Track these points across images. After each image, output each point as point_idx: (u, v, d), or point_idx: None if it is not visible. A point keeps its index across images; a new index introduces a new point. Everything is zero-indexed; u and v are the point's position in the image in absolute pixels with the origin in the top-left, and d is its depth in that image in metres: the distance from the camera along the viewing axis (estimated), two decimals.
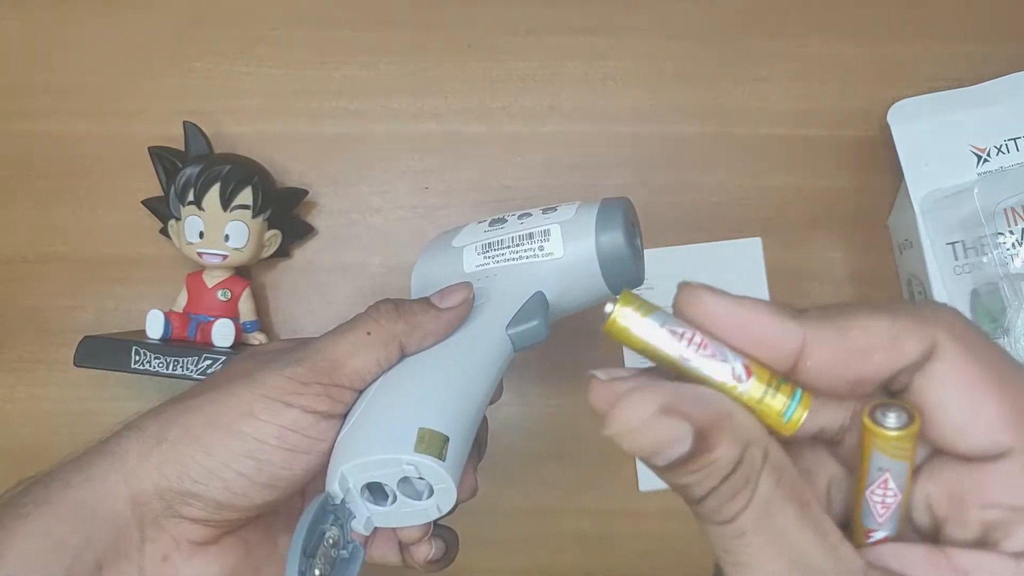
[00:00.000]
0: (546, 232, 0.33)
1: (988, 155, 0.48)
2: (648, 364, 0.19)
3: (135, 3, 0.55)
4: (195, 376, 0.44)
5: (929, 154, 0.48)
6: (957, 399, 0.17)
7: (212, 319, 0.48)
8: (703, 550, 0.19)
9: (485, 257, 0.34)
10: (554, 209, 0.34)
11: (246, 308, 0.50)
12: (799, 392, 0.18)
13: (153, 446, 0.27)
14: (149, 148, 0.50)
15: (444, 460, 0.27)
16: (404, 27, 0.55)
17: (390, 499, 0.28)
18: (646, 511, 0.51)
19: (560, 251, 0.33)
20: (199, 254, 0.48)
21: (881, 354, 0.17)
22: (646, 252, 0.36)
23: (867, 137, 0.53)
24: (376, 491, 0.28)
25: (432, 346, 0.30)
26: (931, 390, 0.17)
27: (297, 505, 0.32)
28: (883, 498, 0.18)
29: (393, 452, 0.26)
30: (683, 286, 0.18)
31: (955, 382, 0.17)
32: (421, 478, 0.27)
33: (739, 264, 0.52)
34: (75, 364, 0.45)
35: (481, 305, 0.32)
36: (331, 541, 0.27)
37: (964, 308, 0.46)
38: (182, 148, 0.50)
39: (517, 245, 0.33)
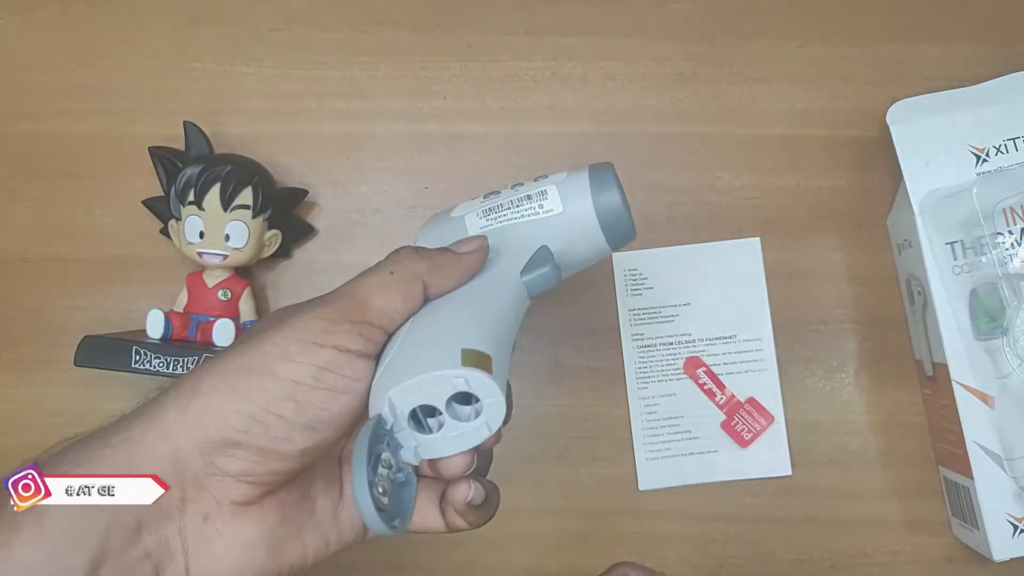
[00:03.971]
0: (543, 192, 0.35)
1: (987, 155, 0.48)
2: None
3: (135, 3, 0.55)
4: None
5: (928, 154, 0.48)
6: None
7: (212, 319, 0.48)
8: (703, 550, 0.19)
9: (487, 219, 0.35)
10: (545, 176, 0.36)
11: (246, 308, 0.50)
12: None
13: (190, 399, 0.27)
14: (149, 148, 0.50)
15: (492, 374, 0.27)
16: (404, 27, 0.55)
17: (436, 428, 0.28)
18: (646, 511, 0.51)
19: (559, 207, 0.34)
20: (199, 254, 0.48)
21: None
22: (646, 252, 0.36)
23: (866, 137, 0.53)
24: (420, 424, 0.28)
25: (453, 290, 0.32)
26: None
27: (335, 468, 0.32)
28: None
29: (441, 368, 0.27)
30: None
31: None
32: (469, 394, 0.27)
33: (738, 264, 0.52)
34: (75, 364, 0.45)
35: (492, 260, 0.34)
36: (387, 463, 0.27)
37: (963, 308, 0.46)
38: (182, 148, 0.50)
39: (517, 206, 0.35)
